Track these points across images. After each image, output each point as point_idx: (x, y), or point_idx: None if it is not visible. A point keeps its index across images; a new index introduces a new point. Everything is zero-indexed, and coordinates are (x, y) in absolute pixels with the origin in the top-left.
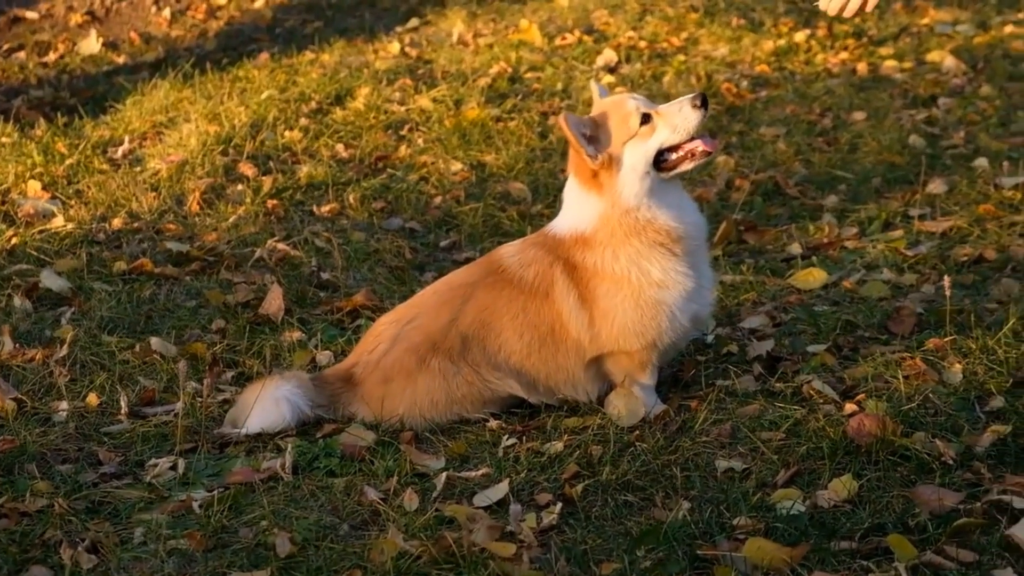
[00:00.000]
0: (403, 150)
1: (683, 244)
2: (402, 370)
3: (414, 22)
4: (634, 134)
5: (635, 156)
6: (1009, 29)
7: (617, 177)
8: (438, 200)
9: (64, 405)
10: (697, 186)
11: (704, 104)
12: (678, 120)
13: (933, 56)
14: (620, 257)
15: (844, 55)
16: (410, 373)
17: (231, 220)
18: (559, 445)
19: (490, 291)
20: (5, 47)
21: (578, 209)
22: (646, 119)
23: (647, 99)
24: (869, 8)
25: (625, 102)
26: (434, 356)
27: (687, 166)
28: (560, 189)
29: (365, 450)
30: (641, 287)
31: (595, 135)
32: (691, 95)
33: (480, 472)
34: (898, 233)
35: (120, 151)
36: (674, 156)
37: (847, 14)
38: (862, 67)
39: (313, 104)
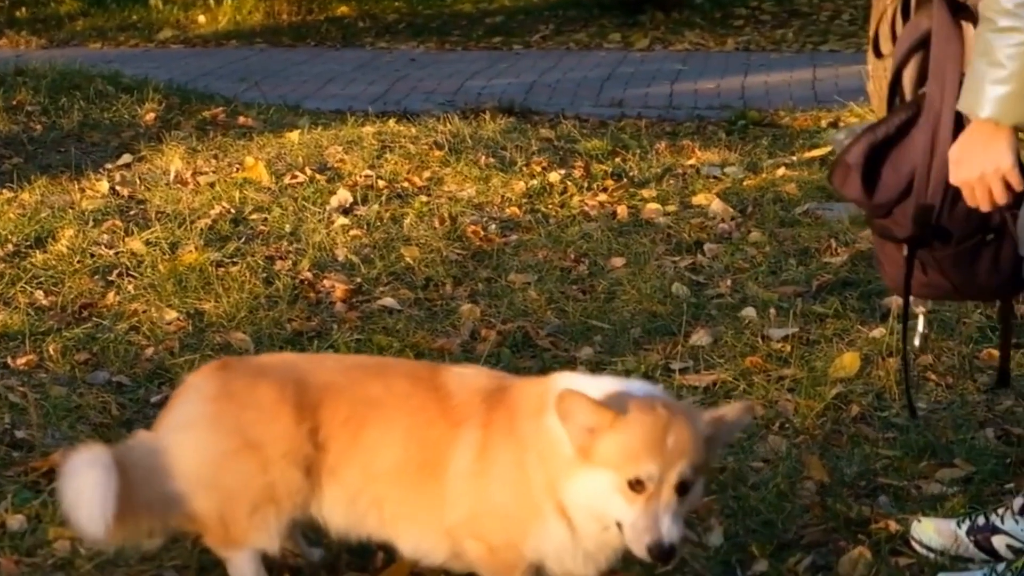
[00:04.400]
0: (111, 297)
1: None
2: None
3: (127, 158)
4: None
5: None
6: (781, 172)
7: None
8: (150, 351)
9: None
10: (439, 337)
11: None
12: None
13: (699, 199)
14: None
15: (603, 197)
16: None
17: None
18: None
19: (412, 384)
20: None
21: None
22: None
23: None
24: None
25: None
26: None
27: None
28: (287, 340)
29: None
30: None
31: None
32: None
33: None
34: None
35: None
36: None
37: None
38: (622, 210)
39: (10, 247)
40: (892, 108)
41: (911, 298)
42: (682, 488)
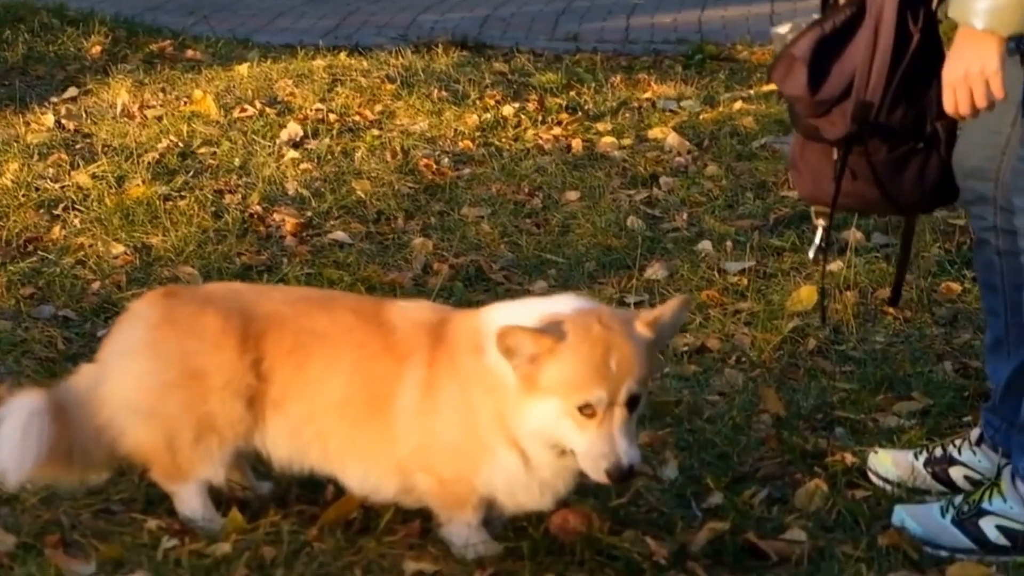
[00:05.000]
0: (57, 231)
1: None
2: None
3: (72, 92)
4: None
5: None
6: (739, 105)
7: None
8: (96, 286)
9: None
10: (391, 270)
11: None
12: None
13: (655, 133)
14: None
15: (557, 131)
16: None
17: None
18: (226, 547)
19: (356, 318)
20: None
21: None
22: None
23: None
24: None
25: None
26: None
27: None
28: (236, 274)
29: (3, 555)
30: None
31: None
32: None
33: None
34: None
35: None
36: None
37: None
38: (577, 144)
39: None
40: (826, 7)
41: (812, 209)
42: (631, 402)
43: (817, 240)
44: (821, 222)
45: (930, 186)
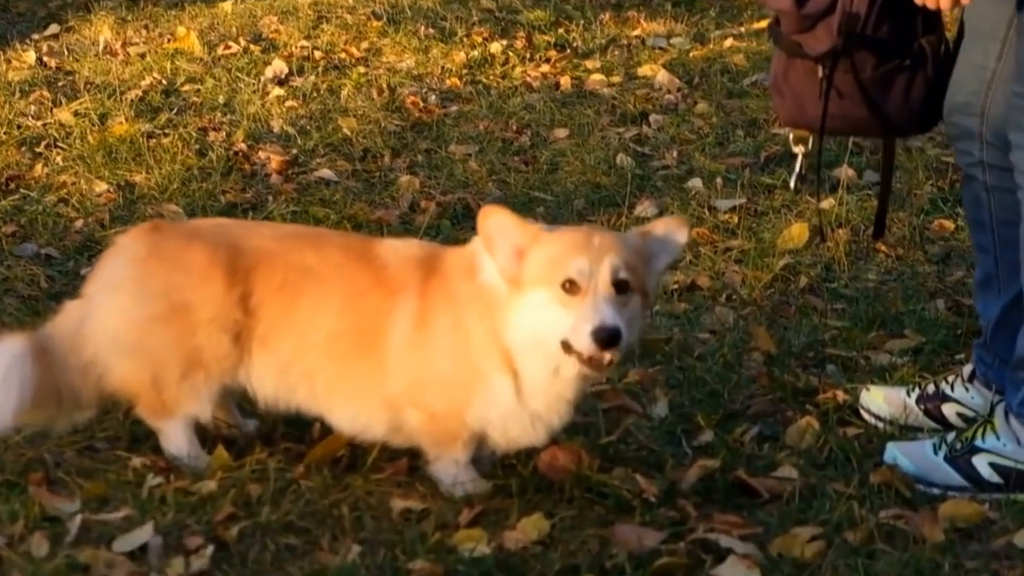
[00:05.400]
0: (39, 169)
1: None
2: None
3: (54, 28)
4: None
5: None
6: (729, 43)
7: None
8: (79, 224)
9: None
10: (377, 208)
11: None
12: None
13: (645, 70)
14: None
15: (545, 68)
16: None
17: None
18: (212, 484)
19: (346, 254)
20: None
21: None
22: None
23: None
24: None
25: None
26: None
27: None
28: (221, 212)
29: None
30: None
31: None
32: None
33: (121, 515)
34: None
35: None
36: None
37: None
38: (565, 81)
39: None
40: None
41: (790, 136)
42: (619, 286)
43: (797, 168)
44: (800, 149)
45: (916, 105)
